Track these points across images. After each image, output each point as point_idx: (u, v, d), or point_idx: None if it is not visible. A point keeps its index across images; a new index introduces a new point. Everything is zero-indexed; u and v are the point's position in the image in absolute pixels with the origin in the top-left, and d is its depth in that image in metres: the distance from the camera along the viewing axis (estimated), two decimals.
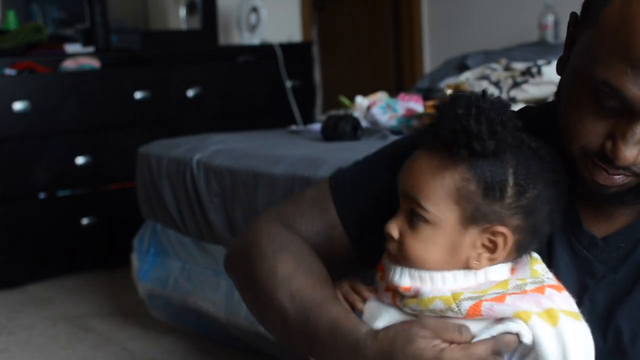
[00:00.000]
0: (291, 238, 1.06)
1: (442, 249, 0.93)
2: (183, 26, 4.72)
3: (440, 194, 0.92)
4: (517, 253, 0.96)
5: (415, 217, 0.94)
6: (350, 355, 0.92)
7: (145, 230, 2.88)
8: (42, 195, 3.61)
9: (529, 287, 0.91)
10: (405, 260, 0.95)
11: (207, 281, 2.60)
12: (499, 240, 0.92)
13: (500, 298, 0.89)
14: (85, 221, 3.66)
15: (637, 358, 0.95)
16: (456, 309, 0.89)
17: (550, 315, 0.87)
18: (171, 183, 2.66)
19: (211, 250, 2.60)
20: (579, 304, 0.92)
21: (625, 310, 0.96)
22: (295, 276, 0.99)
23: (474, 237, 0.92)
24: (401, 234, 0.95)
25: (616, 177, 0.91)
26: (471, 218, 0.92)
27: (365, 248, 1.09)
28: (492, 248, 0.93)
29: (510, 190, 0.91)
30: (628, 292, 0.96)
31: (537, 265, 0.96)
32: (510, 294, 0.89)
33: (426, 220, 0.93)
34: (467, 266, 0.93)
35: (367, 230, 1.07)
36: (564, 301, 0.91)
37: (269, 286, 1.00)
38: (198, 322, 2.76)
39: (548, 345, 0.86)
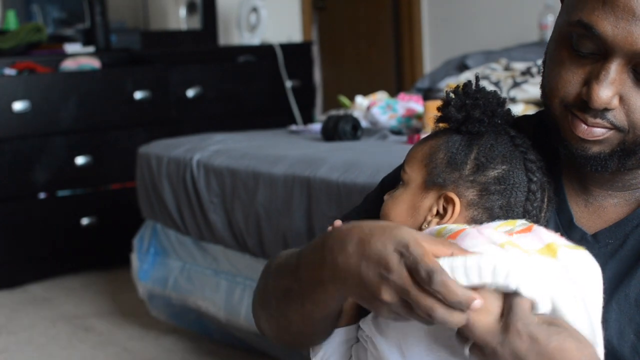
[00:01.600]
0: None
1: (405, 208, 1.00)
2: (183, 26, 4.72)
3: (417, 157, 1.02)
4: None
5: (400, 181, 1.03)
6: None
7: (145, 230, 2.88)
8: (42, 195, 3.61)
9: (535, 226, 0.92)
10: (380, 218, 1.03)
11: (207, 281, 2.60)
12: (449, 208, 0.98)
13: (509, 234, 0.90)
14: (85, 221, 3.66)
15: (624, 352, 0.95)
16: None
17: (550, 249, 0.88)
18: (171, 183, 2.66)
19: (211, 250, 2.60)
20: None
21: (613, 305, 0.96)
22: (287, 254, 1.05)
23: (431, 201, 0.99)
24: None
25: (595, 128, 0.93)
26: (432, 181, 0.99)
27: None
28: (443, 215, 0.98)
29: (470, 163, 0.98)
30: (616, 287, 0.97)
31: None
32: (517, 231, 0.91)
33: (403, 182, 1.02)
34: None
35: None
36: (568, 242, 0.91)
37: (269, 273, 1.05)
38: (198, 322, 2.76)
39: (557, 284, 0.85)
